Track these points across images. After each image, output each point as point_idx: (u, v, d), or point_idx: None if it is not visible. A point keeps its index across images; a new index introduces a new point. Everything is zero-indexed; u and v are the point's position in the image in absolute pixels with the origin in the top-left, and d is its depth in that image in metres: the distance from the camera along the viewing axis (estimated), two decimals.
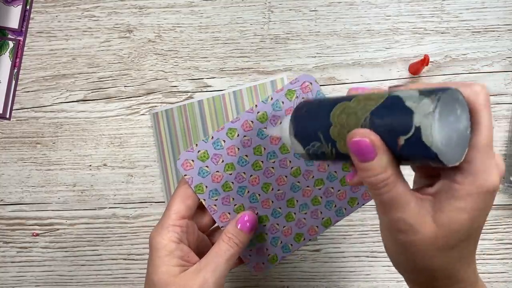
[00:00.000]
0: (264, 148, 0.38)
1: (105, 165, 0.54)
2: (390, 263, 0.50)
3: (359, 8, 0.53)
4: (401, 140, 0.24)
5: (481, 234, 0.52)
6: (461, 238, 0.26)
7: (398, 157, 0.25)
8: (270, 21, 0.53)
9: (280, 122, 0.37)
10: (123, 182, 0.54)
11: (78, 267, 0.54)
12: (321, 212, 0.40)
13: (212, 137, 0.37)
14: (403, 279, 0.31)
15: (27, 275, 0.55)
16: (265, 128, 0.38)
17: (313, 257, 0.53)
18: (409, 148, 0.24)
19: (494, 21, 0.52)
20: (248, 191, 0.38)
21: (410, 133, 0.23)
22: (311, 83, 0.38)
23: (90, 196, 0.54)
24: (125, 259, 0.54)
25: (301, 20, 0.53)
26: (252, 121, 0.38)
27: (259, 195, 0.39)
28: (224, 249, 0.36)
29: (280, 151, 0.38)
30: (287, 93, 0.38)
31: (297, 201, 0.40)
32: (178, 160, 0.37)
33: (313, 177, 0.39)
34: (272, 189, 0.39)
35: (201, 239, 0.39)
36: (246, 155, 0.38)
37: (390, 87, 0.28)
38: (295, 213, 0.40)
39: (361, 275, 0.53)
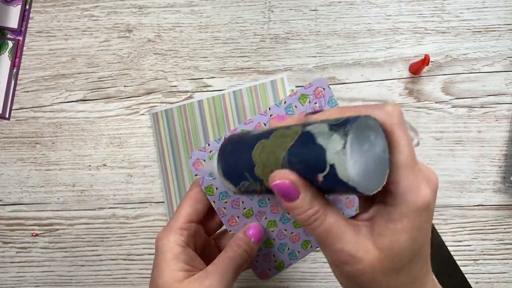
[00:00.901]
0: None
1: (104, 165, 0.54)
2: None
3: (359, 7, 0.53)
4: (320, 177, 0.24)
5: (482, 235, 0.52)
6: (407, 259, 0.26)
7: (324, 190, 0.26)
8: (270, 20, 0.53)
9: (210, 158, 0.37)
10: (122, 182, 0.54)
11: (78, 267, 0.54)
12: None
13: (224, 137, 0.37)
14: None
15: (27, 275, 0.55)
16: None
17: (313, 258, 0.53)
18: (328, 183, 0.24)
19: (494, 20, 0.52)
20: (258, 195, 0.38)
21: (326, 171, 0.23)
22: (324, 88, 0.38)
23: (89, 196, 0.54)
24: (124, 260, 0.54)
25: (301, 19, 0.53)
26: (265, 124, 0.37)
27: (268, 199, 0.38)
28: (232, 257, 0.35)
29: None
30: (300, 98, 0.37)
31: None
32: (190, 159, 0.36)
33: None
34: None
35: (207, 243, 0.38)
36: None
37: (306, 114, 0.28)
38: None
39: None
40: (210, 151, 0.37)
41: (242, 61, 0.53)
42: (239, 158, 0.30)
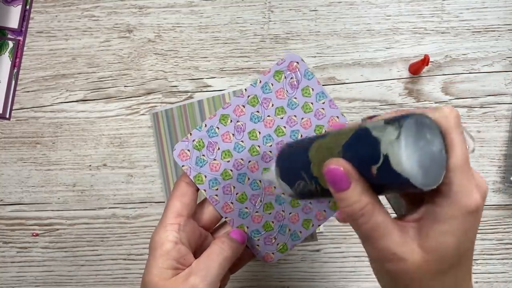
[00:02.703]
0: (259, 132, 0.37)
1: (105, 165, 0.54)
2: None
3: (359, 8, 0.53)
4: (374, 169, 0.24)
5: (481, 234, 0.52)
6: (452, 261, 0.26)
7: (377, 187, 0.26)
8: (270, 21, 0.53)
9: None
10: (123, 182, 0.54)
11: (78, 267, 0.54)
12: None
13: (206, 125, 0.37)
14: None
15: (27, 275, 0.55)
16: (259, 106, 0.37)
17: (313, 257, 0.53)
18: (382, 176, 0.24)
19: (494, 21, 0.52)
20: (249, 178, 0.38)
21: (380, 162, 0.24)
22: (297, 62, 0.37)
23: (90, 196, 0.54)
24: (125, 259, 0.54)
25: (301, 20, 0.53)
26: (243, 106, 0.37)
27: (260, 181, 0.38)
28: (216, 252, 0.34)
29: (275, 133, 0.38)
30: (275, 75, 0.37)
31: None
32: (174, 150, 0.36)
33: None
34: None
35: (204, 238, 0.38)
36: (242, 141, 0.37)
37: (363, 119, 0.29)
38: None
39: (361, 275, 0.53)
40: (193, 140, 0.37)
41: (242, 61, 0.53)
42: (296, 158, 0.30)
